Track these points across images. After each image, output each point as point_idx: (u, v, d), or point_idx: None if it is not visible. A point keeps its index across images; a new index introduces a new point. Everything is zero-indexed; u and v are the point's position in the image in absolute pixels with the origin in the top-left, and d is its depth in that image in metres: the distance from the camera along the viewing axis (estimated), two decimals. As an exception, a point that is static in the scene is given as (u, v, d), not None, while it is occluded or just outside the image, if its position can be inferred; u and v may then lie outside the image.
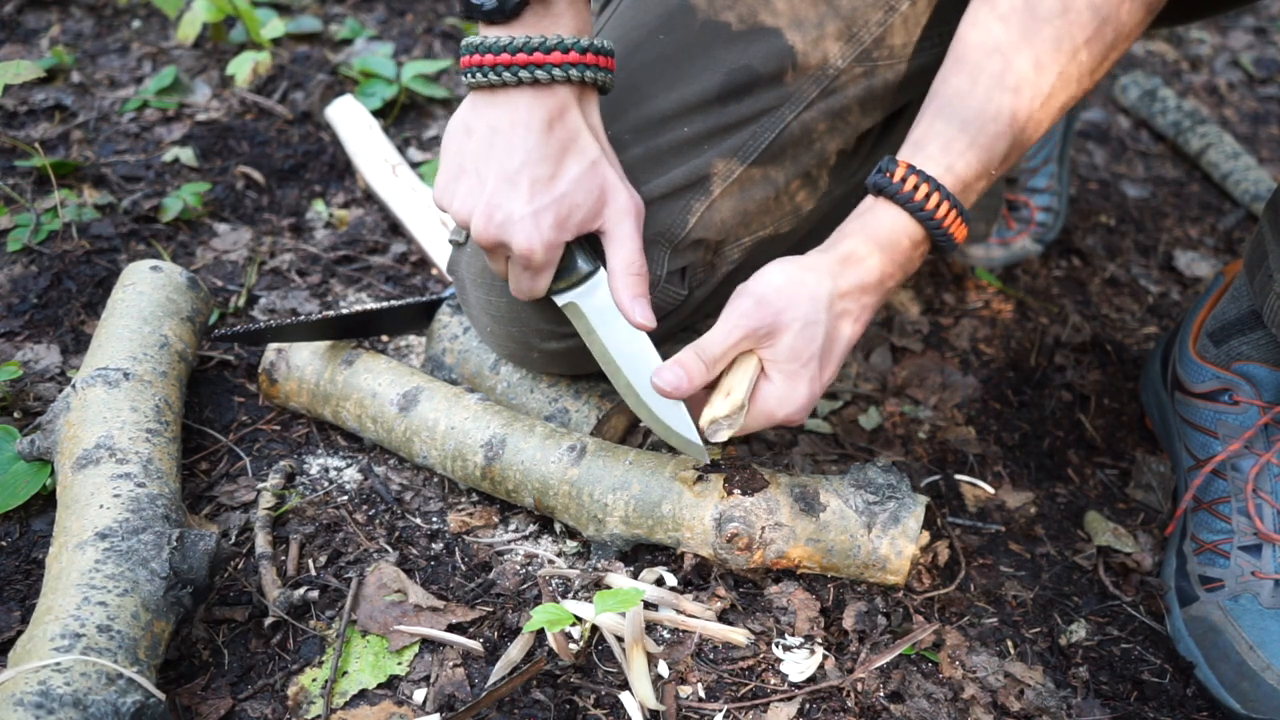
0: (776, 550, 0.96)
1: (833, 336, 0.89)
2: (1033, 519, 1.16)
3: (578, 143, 0.87)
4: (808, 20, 0.99)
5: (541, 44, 0.83)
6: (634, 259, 0.90)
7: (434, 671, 0.91)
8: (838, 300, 0.88)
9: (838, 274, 0.88)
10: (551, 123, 0.86)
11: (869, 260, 0.89)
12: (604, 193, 0.89)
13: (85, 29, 1.83)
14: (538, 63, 0.84)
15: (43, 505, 1.02)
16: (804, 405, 0.89)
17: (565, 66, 0.84)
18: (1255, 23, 2.39)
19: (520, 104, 0.85)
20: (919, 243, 0.91)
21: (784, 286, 0.87)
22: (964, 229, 0.92)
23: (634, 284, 0.90)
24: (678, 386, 0.87)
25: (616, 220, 0.90)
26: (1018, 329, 1.43)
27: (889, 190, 0.89)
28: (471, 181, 0.88)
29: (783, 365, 0.88)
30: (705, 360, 0.88)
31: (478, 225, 0.88)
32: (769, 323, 0.87)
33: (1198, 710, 0.99)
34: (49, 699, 0.73)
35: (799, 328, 0.87)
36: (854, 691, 0.92)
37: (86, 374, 1.02)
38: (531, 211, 0.86)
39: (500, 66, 0.84)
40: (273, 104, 1.66)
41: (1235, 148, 1.83)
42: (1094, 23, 0.88)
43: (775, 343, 0.88)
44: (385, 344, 1.26)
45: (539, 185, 0.86)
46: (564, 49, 0.84)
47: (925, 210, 0.88)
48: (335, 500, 1.07)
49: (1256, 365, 1.09)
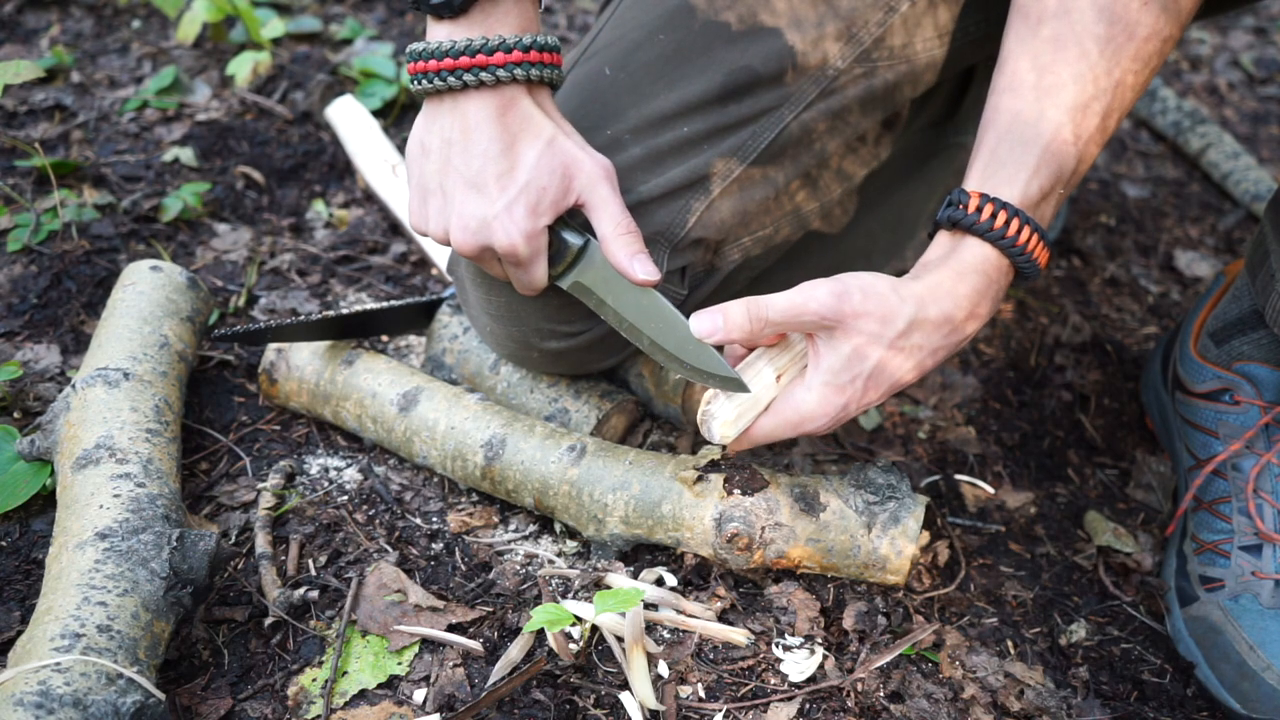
0: (776, 550, 0.96)
1: (885, 365, 0.84)
2: (1033, 519, 1.16)
3: (530, 126, 0.87)
4: (807, 20, 0.99)
5: (484, 45, 0.83)
6: (620, 219, 0.89)
7: (434, 671, 0.91)
8: (913, 330, 0.83)
9: (922, 305, 0.83)
10: (502, 114, 0.85)
11: (954, 296, 0.85)
12: (567, 167, 0.87)
13: (85, 29, 1.83)
14: (481, 65, 0.83)
15: (43, 505, 1.02)
16: (833, 422, 0.86)
17: (510, 67, 0.84)
18: (1255, 23, 2.39)
19: (470, 108, 0.85)
20: (1004, 272, 0.87)
21: (871, 294, 0.83)
22: (1046, 253, 0.88)
23: (628, 243, 0.89)
24: (710, 334, 0.84)
25: (590, 188, 0.88)
26: (1018, 329, 1.43)
27: (965, 223, 0.85)
28: (438, 200, 0.88)
29: (831, 374, 0.84)
30: (754, 316, 0.83)
31: (457, 239, 0.88)
32: (840, 317, 0.82)
33: (1198, 710, 0.99)
34: (49, 699, 0.73)
35: (861, 342, 0.83)
36: (854, 691, 0.92)
37: (86, 374, 1.02)
38: (503, 208, 0.86)
39: (445, 71, 0.84)
40: (273, 104, 1.66)
41: (1235, 148, 1.83)
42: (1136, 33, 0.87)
43: (833, 343, 0.83)
44: (385, 344, 1.26)
45: (502, 180, 0.86)
46: (507, 49, 0.84)
47: (1007, 238, 0.85)
48: (335, 500, 1.07)
49: (1257, 365, 1.09)
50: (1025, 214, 0.85)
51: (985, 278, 0.86)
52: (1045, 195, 0.87)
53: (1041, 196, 0.87)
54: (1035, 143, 0.87)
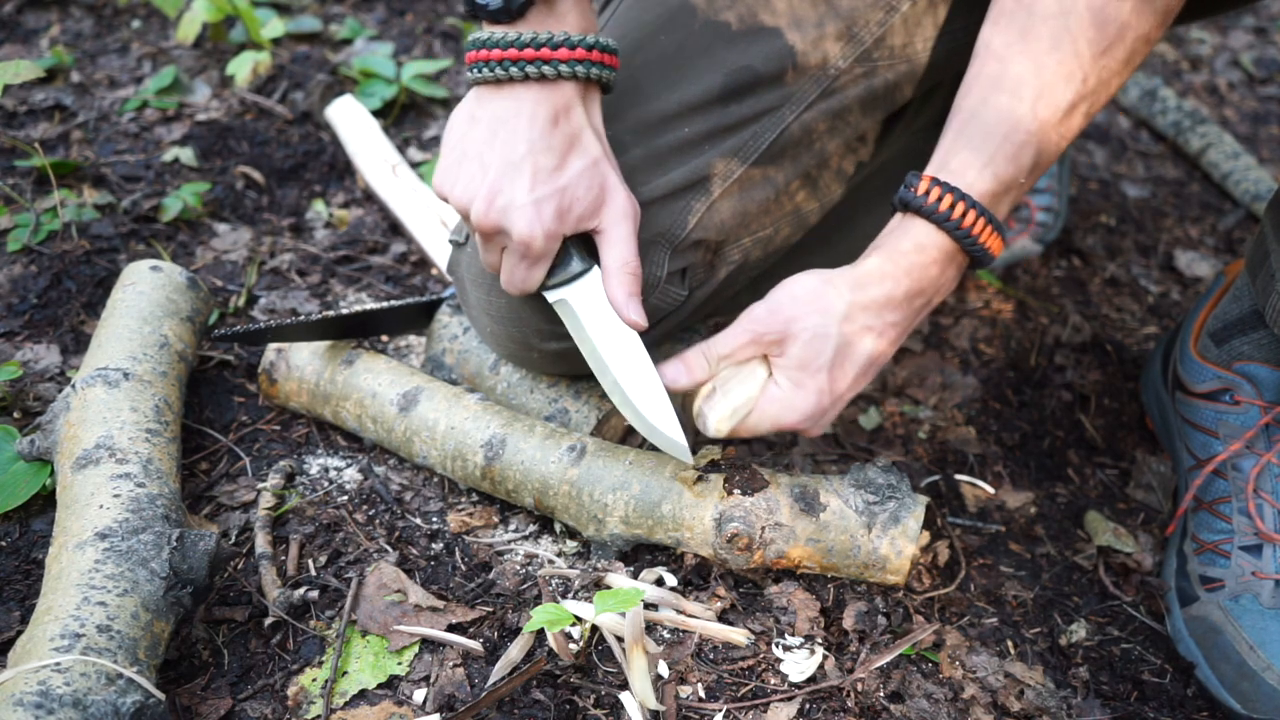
0: (776, 550, 0.96)
1: (845, 351, 0.89)
2: (1033, 519, 1.16)
3: (581, 140, 0.88)
4: (807, 20, 0.99)
5: (548, 40, 0.84)
6: (629, 259, 0.90)
7: (434, 671, 0.91)
8: (857, 314, 0.88)
9: (858, 288, 0.89)
10: (556, 118, 0.86)
11: (893, 275, 0.89)
12: (604, 191, 0.89)
13: (85, 29, 1.83)
14: (544, 58, 0.84)
15: (43, 505, 1.02)
16: (810, 414, 0.90)
17: (571, 63, 0.85)
18: (1255, 23, 2.39)
19: (525, 98, 0.86)
20: (951, 256, 0.91)
21: (800, 296, 0.89)
22: (999, 241, 0.91)
23: (629, 283, 0.90)
24: (675, 380, 0.90)
25: (614, 221, 0.90)
26: (1018, 329, 1.43)
27: (914, 204, 0.89)
28: (473, 168, 0.88)
29: (790, 372, 0.89)
30: (709, 356, 0.90)
31: (478, 210, 0.87)
32: (778, 330, 0.88)
33: (1198, 710, 0.99)
34: (49, 699, 0.73)
35: (807, 338, 0.88)
36: (854, 691, 0.92)
37: (86, 374, 1.02)
38: (534, 199, 0.86)
39: (507, 62, 0.84)
40: (273, 104, 1.66)
41: (1235, 148, 1.83)
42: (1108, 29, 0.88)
43: (784, 351, 0.89)
44: (385, 344, 1.26)
45: (542, 174, 0.86)
46: (570, 45, 0.84)
47: (951, 221, 0.88)
48: (335, 500, 1.07)
49: (1258, 365, 1.09)
50: (976, 200, 0.89)
51: (927, 257, 0.90)
52: (1004, 185, 0.90)
53: (999, 185, 0.90)
54: (996, 133, 0.89)
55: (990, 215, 0.89)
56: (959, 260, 0.92)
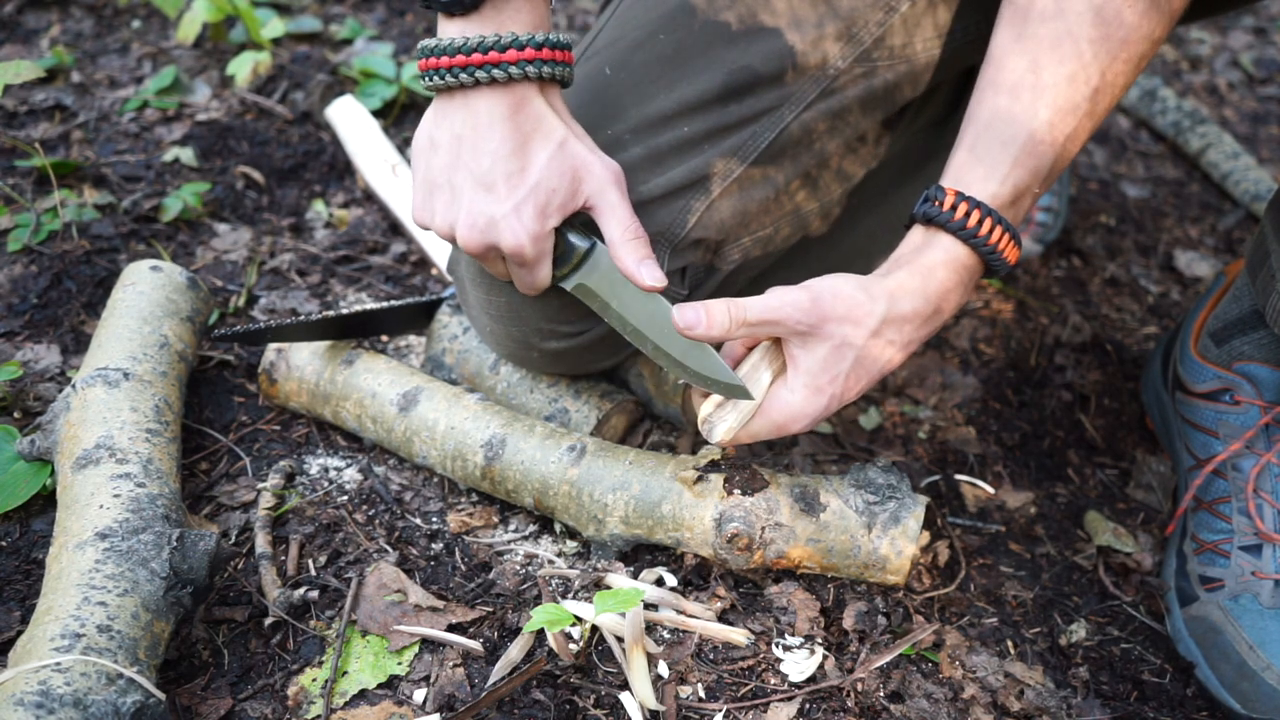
0: (776, 550, 0.96)
1: (864, 361, 0.87)
2: (1033, 519, 1.16)
3: (541, 127, 0.86)
4: (807, 20, 1.00)
5: (497, 43, 0.83)
6: (629, 224, 0.89)
7: (434, 671, 0.91)
8: (886, 328, 0.87)
9: (892, 302, 0.87)
10: (513, 114, 0.85)
11: (922, 292, 0.88)
12: (577, 170, 0.88)
13: (85, 29, 1.83)
14: (493, 61, 0.83)
15: (43, 505, 1.02)
16: (815, 419, 0.88)
17: (522, 64, 0.84)
18: (1255, 23, 2.39)
19: (480, 107, 0.85)
20: (973, 270, 0.90)
21: (843, 295, 0.86)
22: (1016, 251, 0.91)
23: (636, 248, 0.89)
24: (692, 326, 0.85)
25: (599, 192, 0.89)
26: (1018, 329, 1.43)
27: (939, 220, 0.88)
28: (445, 196, 0.88)
29: (810, 376, 0.87)
30: (734, 315, 0.85)
31: (463, 236, 0.87)
32: (811, 324, 0.85)
33: (1198, 710, 0.99)
34: (49, 699, 0.73)
35: (835, 344, 0.85)
36: (854, 691, 0.92)
37: (86, 374, 1.02)
38: (511, 208, 0.85)
39: (457, 68, 0.83)
40: (273, 104, 1.66)
41: (1235, 148, 1.83)
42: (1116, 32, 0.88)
43: (806, 345, 0.86)
44: (385, 344, 1.26)
45: (513, 180, 0.85)
46: (519, 46, 0.83)
47: (979, 236, 0.87)
48: (335, 500, 1.07)
49: (1258, 365, 1.09)
50: (998, 213, 0.88)
51: (954, 273, 0.89)
52: (1020, 193, 0.90)
53: (1016, 194, 0.90)
54: (1014, 142, 0.89)
55: (1009, 226, 0.89)
56: (978, 273, 0.91)
